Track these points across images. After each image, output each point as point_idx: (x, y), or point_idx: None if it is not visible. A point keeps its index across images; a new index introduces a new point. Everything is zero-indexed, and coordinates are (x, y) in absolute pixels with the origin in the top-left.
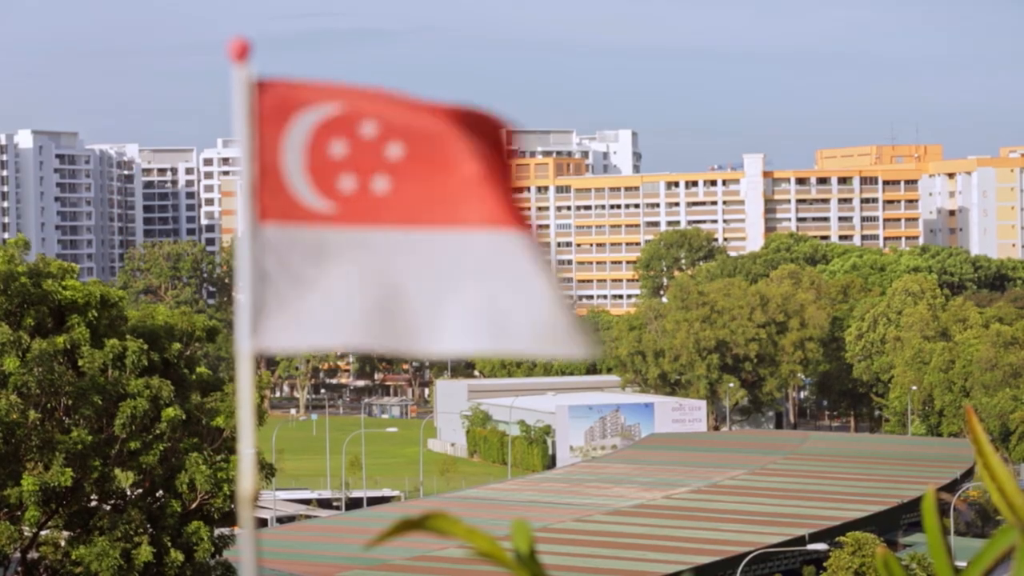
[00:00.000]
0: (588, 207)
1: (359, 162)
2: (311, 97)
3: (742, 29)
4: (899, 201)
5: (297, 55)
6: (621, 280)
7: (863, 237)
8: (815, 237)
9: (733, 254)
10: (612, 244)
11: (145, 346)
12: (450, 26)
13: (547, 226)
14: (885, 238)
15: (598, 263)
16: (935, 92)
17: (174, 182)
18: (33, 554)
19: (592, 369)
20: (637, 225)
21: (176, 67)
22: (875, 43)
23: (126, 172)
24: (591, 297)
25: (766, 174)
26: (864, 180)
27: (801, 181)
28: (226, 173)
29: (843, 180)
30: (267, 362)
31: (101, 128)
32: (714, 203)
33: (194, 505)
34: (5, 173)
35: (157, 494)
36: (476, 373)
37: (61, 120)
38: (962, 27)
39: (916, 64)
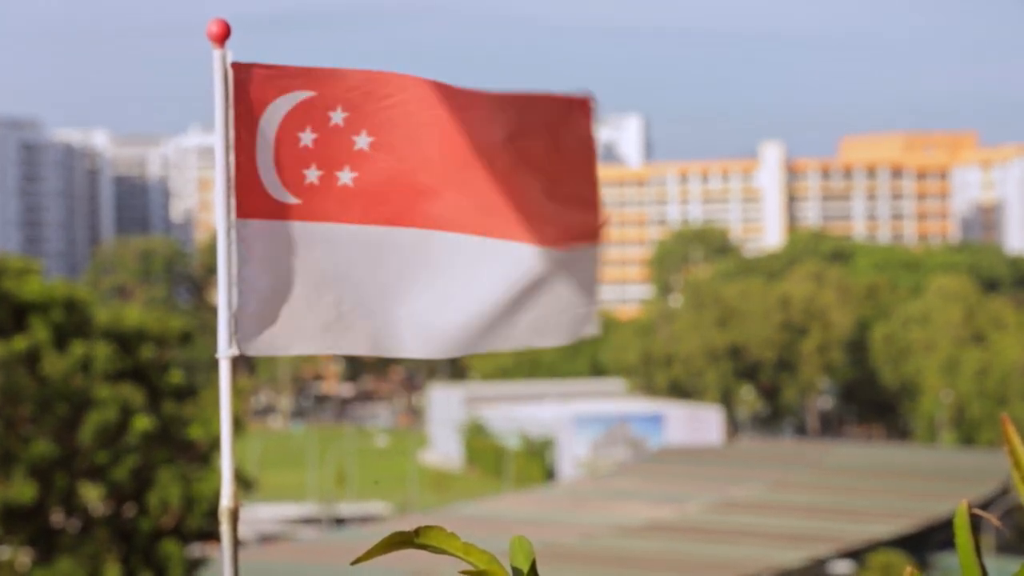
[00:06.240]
0: None
1: (327, 153)
2: (283, 84)
3: (759, 8)
4: (930, 195)
5: (289, 37)
6: (627, 281)
7: (892, 234)
8: (840, 236)
9: (752, 247)
10: (618, 242)
11: (114, 350)
12: (448, 5)
13: None
14: (915, 234)
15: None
16: (967, 74)
17: (143, 175)
18: None
19: (596, 371)
20: (644, 221)
21: (149, 49)
22: (901, 22)
23: (94, 162)
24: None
25: (786, 165)
26: (893, 173)
27: (824, 172)
28: (202, 164)
29: (870, 173)
30: (247, 366)
31: (66, 114)
32: (727, 197)
33: (166, 523)
34: None
35: (126, 511)
36: (471, 371)
37: (22, 104)
38: (998, 4)
39: (945, 44)
